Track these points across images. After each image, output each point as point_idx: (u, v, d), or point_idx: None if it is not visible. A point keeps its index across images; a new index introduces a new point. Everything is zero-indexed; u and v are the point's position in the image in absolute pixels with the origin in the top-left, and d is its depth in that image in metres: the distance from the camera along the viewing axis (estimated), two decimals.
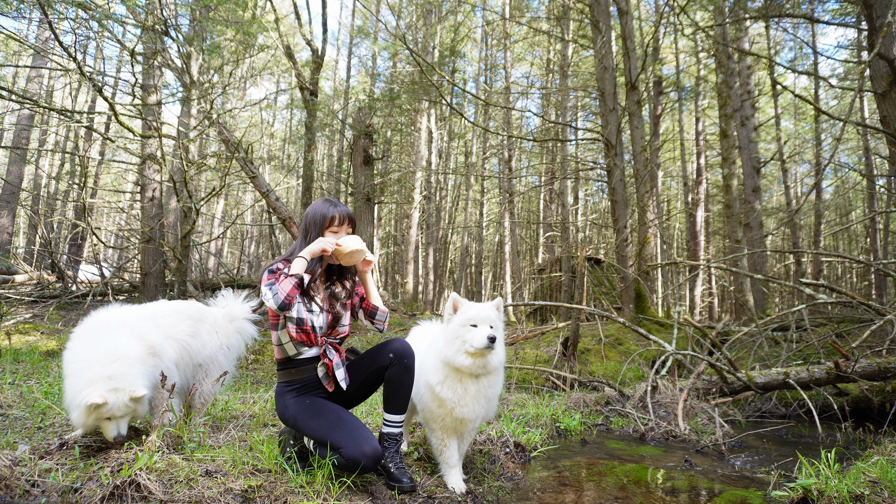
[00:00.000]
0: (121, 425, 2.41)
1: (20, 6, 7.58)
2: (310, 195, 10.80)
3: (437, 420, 2.53)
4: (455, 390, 2.45)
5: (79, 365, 2.42)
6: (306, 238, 2.55)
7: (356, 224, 2.66)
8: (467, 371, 2.41)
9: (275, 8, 11.33)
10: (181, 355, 2.83)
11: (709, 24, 12.99)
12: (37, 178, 19.45)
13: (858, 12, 8.70)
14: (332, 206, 2.57)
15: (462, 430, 2.56)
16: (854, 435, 4.06)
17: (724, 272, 14.87)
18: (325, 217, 2.53)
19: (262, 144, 24.77)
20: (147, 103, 8.91)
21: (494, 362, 2.44)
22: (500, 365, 2.50)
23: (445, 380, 2.46)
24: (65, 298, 9.75)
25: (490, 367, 2.44)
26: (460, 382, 2.44)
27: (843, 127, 6.65)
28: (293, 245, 2.63)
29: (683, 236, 22.30)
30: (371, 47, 21.95)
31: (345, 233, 2.59)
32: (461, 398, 2.44)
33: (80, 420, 2.34)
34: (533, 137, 18.72)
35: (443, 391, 2.46)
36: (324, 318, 2.55)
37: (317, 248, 2.45)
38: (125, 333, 2.57)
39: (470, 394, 2.45)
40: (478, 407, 2.48)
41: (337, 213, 2.54)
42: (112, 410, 2.34)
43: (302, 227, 2.60)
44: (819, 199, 16.03)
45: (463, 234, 21.94)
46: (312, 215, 2.57)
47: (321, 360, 2.50)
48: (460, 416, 2.47)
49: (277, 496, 2.14)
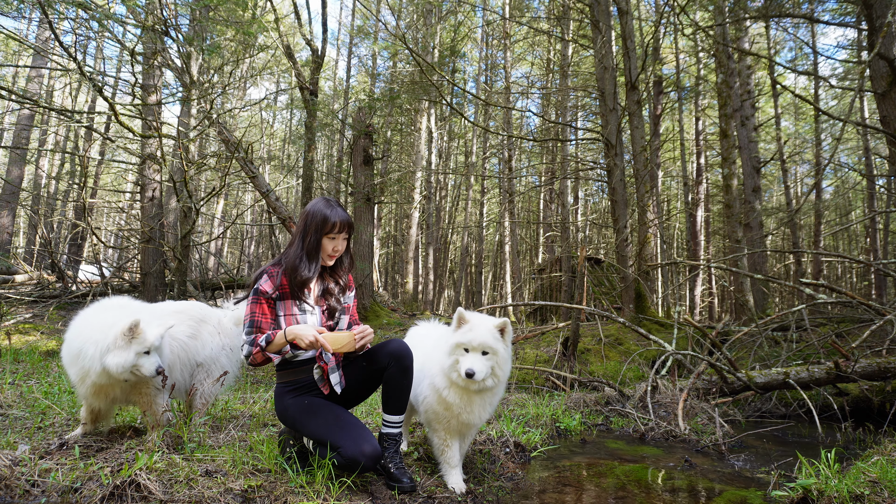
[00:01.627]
0: (148, 360, 2.44)
1: (20, 6, 7.58)
2: (310, 195, 10.79)
3: (441, 422, 2.53)
4: (461, 396, 2.44)
5: (88, 321, 2.50)
6: (304, 239, 2.51)
7: (353, 230, 2.64)
8: (463, 387, 2.41)
9: (275, 8, 11.32)
10: (178, 355, 2.84)
11: (709, 24, 12.98)
12: (37, 178, 19.45)
13: (858, 12, 8.69)
14: (332, 209, 2.52)
15: (465, 433, 2.60)
16: (854, 435, 4.06)
17: (724, 272, 14.88)
18: (325, 221, 2.49)
19: (262, 144, 24.77)
20: (147, 103, 8.91)
21: (490, 383, 2.39)
22: (500, 383, 2.44)
23: (451, 386, 2.46)
24: (65, 298, 9.75)
25: (486, 387, 2.40)
26: (465, 391, 2.44)
27: (843, 127, 6.65)
28: (290, 244, 2.59)
29: (683, 236, 22.30)
30: (371, 47, 21.95)
31: (342, 240, 2.55)
32: (467, 404, 2.45)
33: (92, 364, 2.37)
34: (533, 137, 18.73)
35: (449, 396, 2.46)
36: (318, 316, 2.55)
37: (305, 340, 2.30)
38: (131, 309, 2.64)
39: (475, 402, 2.45)
40: (483, 413, 2.50)
41: (338, 221, 2.49)
42: (143, 341, 2.41)
43: (301, 227, 2.54)
44: (819, 199, 16.04)
45: (463, 234, 21.95)
46: (312, 216, 2.51)
47: (317, 362, 2.50)
48: (466, 421, 2.48)
49: (277, 496, 2.14)
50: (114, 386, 2.53)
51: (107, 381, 2.45)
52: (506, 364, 2.42)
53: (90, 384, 2.47)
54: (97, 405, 2.66)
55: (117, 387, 2.55)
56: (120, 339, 2.38)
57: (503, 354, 2.38)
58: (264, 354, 2.37)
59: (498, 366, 2.37)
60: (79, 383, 2.50)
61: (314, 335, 2.29)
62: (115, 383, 2.50)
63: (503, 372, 2.42)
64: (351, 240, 2.66)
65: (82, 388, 2.51)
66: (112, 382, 2.48)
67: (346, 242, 2.61)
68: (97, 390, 2.52)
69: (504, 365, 2.40)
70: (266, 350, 2.36)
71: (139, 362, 2.41)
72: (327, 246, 2.53)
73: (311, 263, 2.50)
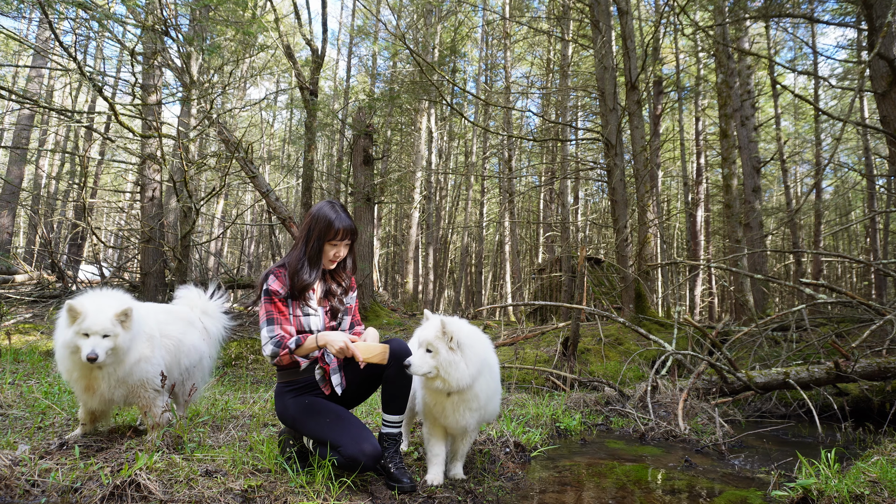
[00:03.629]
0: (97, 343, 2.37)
1: (20, 6, 7.58)
2: (310, 195, 10.79)
3: (429, 416, 2.57)
4: (434, 398, 2.48)
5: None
6: (307, 244, 2.53)
7: (357, 235, 2.65)
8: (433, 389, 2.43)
9: (275, 8, 11.32)
10: (174, 355, 2.86)
11: (709, 24, 12.98)
12: (37, 178, 19.46)
13: (858, 12, 8.69)
14: (337, 215, 2.53)
15: (452, 433, 2.60)
16: (854, 435, 4.06)
17: (724, 272, 14.87)
18: (329, 228, 2.50)
19: (262, 144, 24.77)
20: (147, 103, 8.91)
21: (453, 384, 2.33)
22: (464, 384, 2.35)
23: (423, 386, 2.51)
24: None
25: (451, 388, 2.35)
26: (437, 393, 2.45)
27: (843, 127, 6.65)
28: (293, 247, 2.61)
29: (683, 236, 22.30)
30: (371, 47, 21.96)
31: (344, 246, 2.57)
32: (442, 409, 2.46)
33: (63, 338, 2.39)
34: (533, 137, 18.72)
35: (425, 396, 2.54)
36: (321, 318, 2.56)
37: (335, 346, 2.32)
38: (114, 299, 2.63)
39: (448, 406, 2.45)
40: (458, 417, 2.44)
41: (341, 228, 2.51)
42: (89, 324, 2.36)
43: (304, 230, 2.56)
44: (819, 199, 16.03)
45: (463, 233, 21.94)
46: (316, 221, 2.52)
47: (318, 363, 2.50)
48: (443, 424, 2.52)
49: (277, 496, 2.14)
50: (97, 379, 2.48)
51: (78, 372, 2.45)
52: (461, 365, 2.32)
53: (71, 378, 2.50)
54: (91, 405, 2.63)
55: (103, 382, 2.49)
56: (64, 319, 2.41)
57: (445, 356, 2.32)
58: (292, 357, 2.40)
59: (442, 367, 2.31)
60: (67, 378, 2.54)
61: (345, 342, 2.31)
62: (94, 376, 2.47)
63: (461, 372, 2.32)
64: (354, 244, 2.67)
65: (72, 384, 2.55)
66: (89, 375, 2.47)
67: (349, 248, 2.63)
68: (85, 385, 2.51)
69: (450, 368, 2.31)
70: (295, 353, 2.38)
71: (78, 343, 2.36)
72: (329, 252, 2.55)
73: (312, 269, 2.51)
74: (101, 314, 2.38)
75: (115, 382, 2.51)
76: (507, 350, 7.28)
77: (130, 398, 2.64)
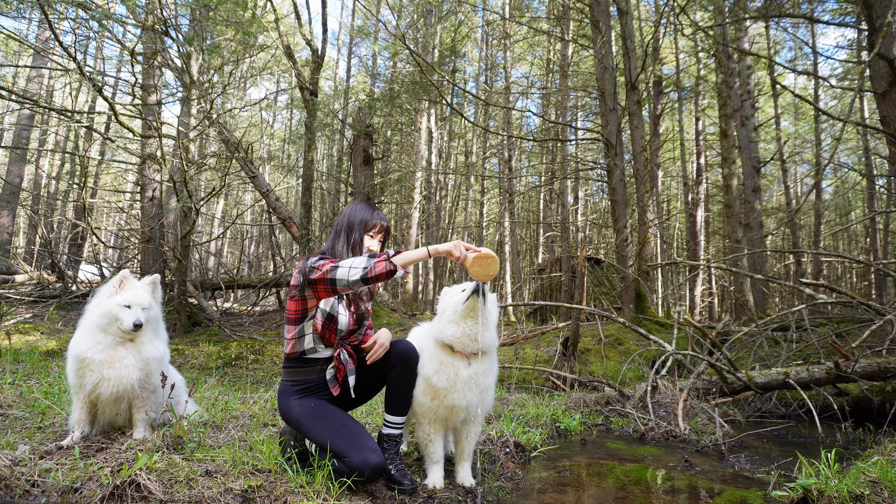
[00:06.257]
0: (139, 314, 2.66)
1: (20, 6, 7.58)
2: (310, 195, 10.79)
3: (427, 414, 2.48)
4: (447, 377, 2.41)
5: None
6: (349, 235, 2.54)
7: (389, 236, 2.69)
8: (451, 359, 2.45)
9: (275, 8, 11.33)
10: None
11: (709, 24, 12.98)
12: (37, 178, 19.45)
13: (858, 12, 8.69)
14: (374, 211, 2.59)
15: (452, 419, 2.50)
16: (854, 435, 4.06)
17: (724, 272, 14.87)
18: (367, 221, 2.56)
19: (262, 144, 24.77)
20: (147, 103, 8.91)
21: (488, 342, 2.44)
22: (490, 344, 2.45)
23: (438, 371, 2.43)
24: (65, 298, 9.75)
25: (480, 347, 2.42)
26: (454, 367, 2.42)
27: (843, 127, 6.64)
28: (331, 241, 2.58)
29: (683, 236, 22.30)
30: (371, 47, 21.96)
31: (377, 242, 2.60)
32: (454, 384, 2.40)
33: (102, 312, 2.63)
34: (533, 137, 18.73)
35: (438, 381, 2.42)
36: (348, 319, 2.53)
37: (445, 247, 2.28)
38: None
39: (460, 381, 2.41)
40: (469, 394, 2.42)
41: (379, 223, 2.58)
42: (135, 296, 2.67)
43: (343, 224, 2.57)
44: (819, 199, 16.03)
45: (463, 234, 21.94)
46: (354, 214, 2.57)
47: (333, 362, 2.48)
48: (451, 404, 2.42)
49: (277, 496, 2.14)
50: (121, 355, 2.63)
51: (106, 342, 2.61)
52: (485, 328, 2.42)
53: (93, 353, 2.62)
54: (103, 388, 2.63)
55: (127, 357, 2.64)
56: (107, 290, 2.69)
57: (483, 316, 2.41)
58: (390, 264, 2.23)
59: (491, 326, 2.42)
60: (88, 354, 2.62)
61: (465, 246, 2.28)
62: (118, 353, 2.62)
63: (484, 333, 2.40)
64: (385, 244, 2.69)
65: (88, 367, 2.61)
66: (115, 349, 2.62)
67: (381, 245, 2.65)
68: (108, 358, 2.60)
69: (483, 329, 2.40)
70: (393, 259, 2.24)
71: (120, 314, 2.61)
72: (367, 245, 2.57)
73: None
74: (144, 290, 2.74)
75: (136, 361, 2.66)
76: (506, 350, 7.28)
77: (143, 383, 2.71)
